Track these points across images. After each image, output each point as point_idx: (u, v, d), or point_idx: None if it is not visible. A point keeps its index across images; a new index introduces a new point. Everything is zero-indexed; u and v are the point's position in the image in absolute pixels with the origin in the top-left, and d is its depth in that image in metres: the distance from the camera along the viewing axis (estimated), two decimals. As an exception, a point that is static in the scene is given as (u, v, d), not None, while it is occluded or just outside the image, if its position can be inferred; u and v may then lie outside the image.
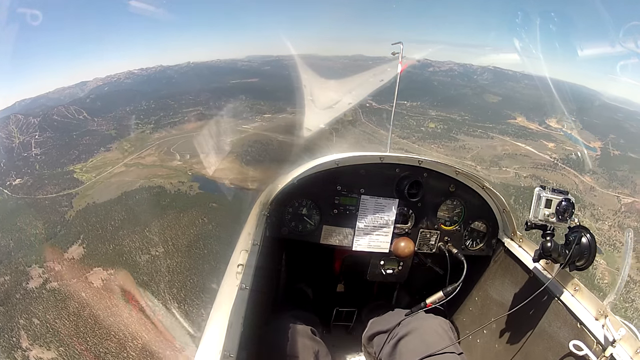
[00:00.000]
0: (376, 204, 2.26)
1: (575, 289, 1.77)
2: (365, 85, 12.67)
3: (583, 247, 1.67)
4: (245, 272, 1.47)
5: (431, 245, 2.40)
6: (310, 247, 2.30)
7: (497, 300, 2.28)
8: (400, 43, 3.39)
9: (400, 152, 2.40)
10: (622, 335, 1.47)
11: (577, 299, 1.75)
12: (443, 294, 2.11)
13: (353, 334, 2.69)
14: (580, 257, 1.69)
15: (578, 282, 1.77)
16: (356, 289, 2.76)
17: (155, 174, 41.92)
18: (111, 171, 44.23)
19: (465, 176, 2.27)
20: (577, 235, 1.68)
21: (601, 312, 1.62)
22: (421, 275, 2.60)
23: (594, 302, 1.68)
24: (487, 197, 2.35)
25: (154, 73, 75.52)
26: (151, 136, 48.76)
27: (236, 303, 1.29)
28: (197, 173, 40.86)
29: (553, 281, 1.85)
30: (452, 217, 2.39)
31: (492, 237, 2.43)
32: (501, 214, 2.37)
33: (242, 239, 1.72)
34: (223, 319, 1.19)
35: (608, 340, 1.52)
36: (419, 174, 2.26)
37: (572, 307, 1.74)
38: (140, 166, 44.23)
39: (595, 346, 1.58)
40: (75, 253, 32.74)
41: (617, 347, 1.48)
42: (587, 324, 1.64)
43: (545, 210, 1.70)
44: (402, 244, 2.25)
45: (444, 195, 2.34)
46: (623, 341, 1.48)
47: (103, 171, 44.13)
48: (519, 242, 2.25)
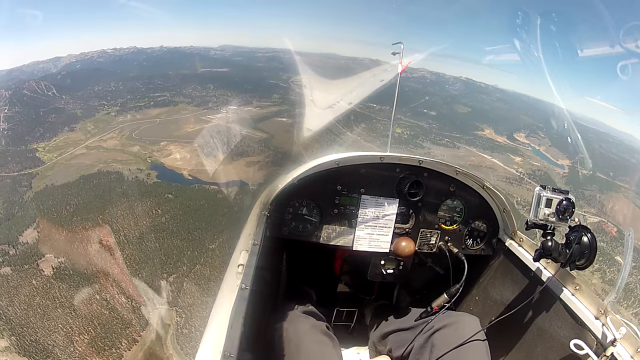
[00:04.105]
0: (377, 204, 2.25)
1: (576, 288, 1.78)
2: (366, 85, 11.96)
3: (583, 247, 1.67)
4: (246, 272, 1.46)
5: (431, 245, 2.39)
6: (310, 247, 2.29)
7: (497, 300, 2.28)
8: (400, 43, 3.29)
9: (401, 152, 2.32)
10: (623, 334, 1.48)
11: (578, 298, 1.76)
12: (447, 296, 2.09)
13: (354, 334, 2.70)
14: (580, 257, 1.69)
15: (578, 281, 1.78)
16: (357, 288, 2.81)
17: (115, 159, 40.80)
18: (72, 152, 43.35)
19: (466, 176, 2.26)
20: (578, 234, 1.68)
21: (602, 311, 1.63)
22: (421, 275, 2.63)
23: (595, 301, 1.68)
24: (487, 197, 2.34)
25: (126, 54, 74.31)
26: (115, 119, 47.79)
27: (237, 303, 1.27)
28: (157, 161, 40.15)
29: (553, 280, 1.88)
30: (452, 217, 2.37)
31: (492, 236, 2.42)
32: (501, 214, 2.36)
33: (243, 239, 1.69)
34: (223, 319, 1.17)
35: (609, 340, 1.53)
36: (419, 173, 2.24)
37: (572, 307, 1.75)
38: (101, 149, 43.06)
39: (596, 345, 1.59)
40: (30, 237, 31.85)
41: (617, 346, 1.49)
42: (588, 323, 1.66)
43: (546, 209, 1.69)
44: (403, 243, 2.22)
45: (445, 195, 2.33)
46: (624, 340, 1.49)
47: (65, 152, 43.11)
48: (520, 242, 2.25)
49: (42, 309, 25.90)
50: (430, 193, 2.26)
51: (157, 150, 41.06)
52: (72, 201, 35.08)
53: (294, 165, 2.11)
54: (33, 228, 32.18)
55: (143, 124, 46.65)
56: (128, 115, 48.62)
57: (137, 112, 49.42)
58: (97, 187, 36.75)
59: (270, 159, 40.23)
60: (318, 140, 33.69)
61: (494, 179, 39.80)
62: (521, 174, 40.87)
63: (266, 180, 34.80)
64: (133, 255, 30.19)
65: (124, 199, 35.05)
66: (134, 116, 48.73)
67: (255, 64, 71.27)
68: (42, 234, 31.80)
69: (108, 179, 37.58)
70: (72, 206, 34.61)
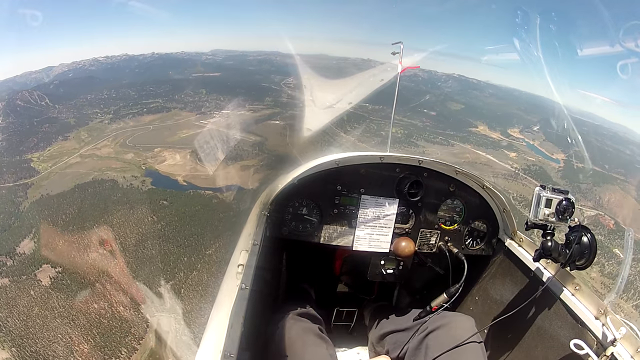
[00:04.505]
0: (376, 204, 2.24)
1: (576, 288, 1.78)
2: (366, 85, 12.03)
3: (583, 247, 1.67)
4: (246, 272, 1.46)
5: (431, 245, 2.38)
6: (310, 247, 2.27)
7: (497, 300, 2.27)
8: (400, 43, 3.26)
9: (397, 152, 2.32)
10: (623, 334, 1.48)
11: (578, 298, 1.76)
12: (446, 296, 2.07)
13: (354, 334, 2.70)
14: (580, 257, 1.68)
15: (578, 281, 1.78)
16: (357, 288, 2.81)
17: (110, 167, 40.71)
18: (67, 161, 43.22)
19: (466, 176, 2.26)
20: (578, 234, 1.68)
21: (602, 311, 1.63)
22: (421, 275, 2.62)
23: (595, 301, 1.68)
24: (487, 197, 2.34)
25: (118, 62, 74.39)
26: (109, 126, 47.66)
27: (237, 303, 1.27)
28: (151, 167, 39.99)
29: (553, 280, 1.87)
30: (452, 217, 2.37)
31: (492, 236, 2.42)
32: (501, 214, 2.35)
33: (243, 239, 1.69)
34: (223, 319, 1.18)
35: (609, 339, 1.53)
36: (419, 173, 2.23)
37: (572, 307, 1.75)
38: (96, 157, 42.98)
39: (596, 345, 1.59)
40: (27, 248, 31.81)
41: (617, 346, 1.49)
42: (588, 323, 1.66)
43: (546, 209, 1.69)
44: (403, 243, 2.22)
45: (444, 195, 2.32)
46: (624, 340, 1.49)
47: (59, 161, 43.06)
48: (519, 242, 2.24)
49: (42, 320, 25.76)
50: (430, 193, 2.26)
51: (151, 156, 40.93)
52: (67, 210, 34.95)
53: (291, 167, 2.10)
54: (29, 239, 32.08)
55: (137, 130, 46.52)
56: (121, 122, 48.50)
57: (131, 119, 49.30)
58: (93, 196, 36.65)
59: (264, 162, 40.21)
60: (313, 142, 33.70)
61: (490, 176, 39.93)
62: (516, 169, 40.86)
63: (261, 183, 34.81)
64: (130, 263, 30.09)
65: (120, 207, 34.91)
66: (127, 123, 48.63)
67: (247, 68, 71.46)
68: (39, 244, 31.57)
69: (103, 187, 37.51)
70: (68, 215, 34.52)
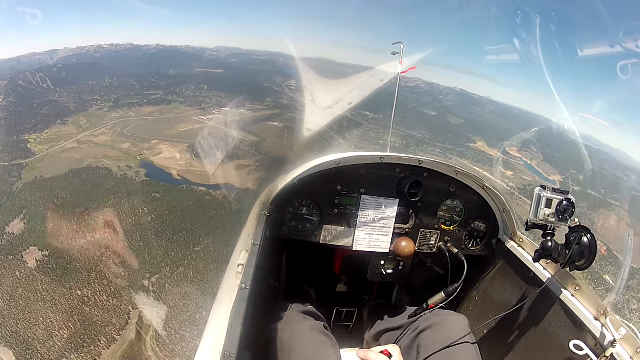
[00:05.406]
0: (376, 204, 2.24)
1: (576, 289, 1.78)
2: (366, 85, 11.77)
3: (583, 247, 1.67)
4: (246, 272, 1.45)
5: (431, 245, 2.38)
6: (310, 247, 2.27)
7: (497, 300, 2.28)
8: (400, 43, 3.21)
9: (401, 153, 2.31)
10: (623, 335, 1.48)
11: (578, 299, 1.76)
12: (444, 295, 2.09)
13: (354, 334, 2.68)
14: (580, 257, 1.69)
15: (578, 282, 1.78)
16: (356, 288, 2.79)
17: (105, 155, 40.58)
18: (63, 146, 43.14)
19: (466, 176, 2.26)
20: (578, 235, 1.68)
21: (601, 312, 1.63)
22: (421, 275, 2.62)
23: (595, 302, 1.68)
24: (487, 197, 2.33)
25: (123, 51, 74.16)
26: (108, 114, 47.53)
27: (236, 303, 1.27)
28: (146, 159, 39.92)
29: (553, 281, 1.87)
30: (452, 217, 2.36)
31: (492, 237, 2.41)
32: (501, 214, 2.34)
33: (243, 239, 1.69)
34: (223, 319, 1.17)
35: (608, 340, 1.53)
36: (419, 174, 2.23)
37: (572, 307, 1.75)
38: (92, 144, 42.91)
39: (596, 346, 1.59)
40: (16, 228, 31.70)
41: (617, 346, 1.50)
42: (588, 324, 1.66)
43: (546, 210, 1.69)
44: (403, 243, 2.22)
45: (444, 195, 2.32)
46: (623, 341, 1.49)
47: (56, 145, 43.06)
48: (519, 242, 2.24)
49: (24, 301, 25.92)
50: (430, 193, 2.25)
51: (147, 148, 40.84)
52: (60, 195, 34.95)
53: (288, 168, 2.10)
54: (20, 219, 32.07)
55: (135, 121, 46.46)
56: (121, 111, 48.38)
57: (130, 109, 49.21)
58: (86, 182, 36.62)
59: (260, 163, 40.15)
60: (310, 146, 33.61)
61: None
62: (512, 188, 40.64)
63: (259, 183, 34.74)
64: (117, 253, 29.93)
65: (112, 196, 34.91)
66: (126, 113, 48.51)
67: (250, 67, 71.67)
68: (29, 226, 31.64)
69: (97, 175, 37.52)
70: (60, 200, 34.49)
